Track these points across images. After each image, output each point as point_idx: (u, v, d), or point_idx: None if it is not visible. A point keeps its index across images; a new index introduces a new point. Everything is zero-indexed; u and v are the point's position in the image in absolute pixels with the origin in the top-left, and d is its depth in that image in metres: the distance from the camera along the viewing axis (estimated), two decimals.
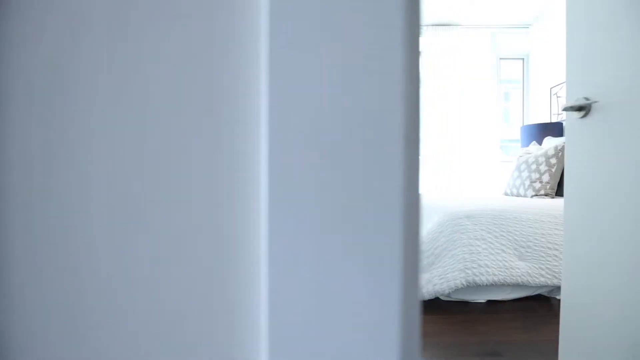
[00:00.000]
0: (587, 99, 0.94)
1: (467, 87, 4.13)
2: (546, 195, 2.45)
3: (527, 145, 3.43)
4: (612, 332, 0.86)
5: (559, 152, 2.47)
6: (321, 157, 0.18)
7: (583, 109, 0.95)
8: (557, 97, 3.53)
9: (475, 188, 4.11)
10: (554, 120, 3.57)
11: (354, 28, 0.18)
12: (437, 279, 1.82)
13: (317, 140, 0.18)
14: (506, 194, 2.84)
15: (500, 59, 4.15)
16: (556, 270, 1.84)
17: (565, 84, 1.06)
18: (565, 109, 0.97)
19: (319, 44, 0.18)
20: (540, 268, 1.86)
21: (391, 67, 0.17)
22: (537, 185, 2.48)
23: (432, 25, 3.97)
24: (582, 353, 0.98)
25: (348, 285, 0.19)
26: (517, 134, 4.01)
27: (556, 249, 1.87)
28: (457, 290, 1.85)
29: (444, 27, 3.95)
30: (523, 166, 2.65)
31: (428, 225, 2.06)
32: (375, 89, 0.17)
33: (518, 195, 2.66)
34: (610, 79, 0.87)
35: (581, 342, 0.98)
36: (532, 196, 2.51)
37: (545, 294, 1.97)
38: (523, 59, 4.16)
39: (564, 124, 1.05)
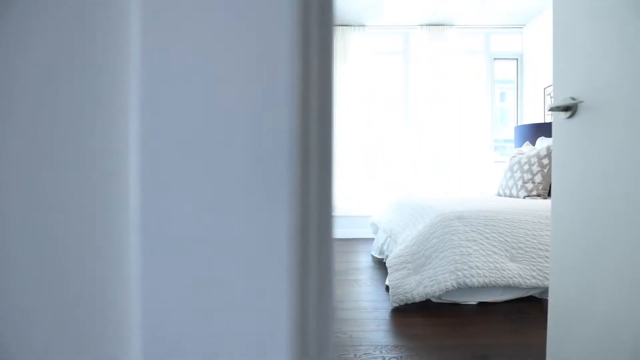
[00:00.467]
0: (573, 98, 0.92)
1: (460, 87, 4.12)
2: (538, 195, 2.44)
3: (521, 145, 3.42)
4: (606, 334, 0.84)
5: (552, 153, 2.46)
6: (197, 157, 0.16)
7: (569, 109, 0.93)
8: (551, 97, 3.53)
9: (469, 188, 4.10)
10: (548, 120, 3.57)
11: (237, 25, 0.16)
12: (428, 281, 1.80)
13: (193, 140, 0.16)
14: (499, 195, 2.83)
15: (494, 59, 4.14)
16: (547, 271, 1.83)
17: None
18: (552, 109, 0.95)
19: (197, 40, 0.16)
20: (532, 269, 1.84)
21: (278, 67, 0.15)
22: (530, 185, 2.47)
23: (426, 25, 3.96)
24: (571, 354, 0.96)
25: (228, 291, 0.17)
26: (512, 134, 4.00)
27: (547, 250, 1.86)
28: (448, 292, 1.83)
29: (437, 27, 3.94)
30: (516, 167, 2.64)
31: (419, 226, 2.04)
32: (260, 88, 0.16)
33: (510, 195, 2.65)
34: (597, 79, 0.85)
35: (570, 344, 0.96)
36: (524, 197, 2.50)
37: (537, 296, 1.96)
38: (517, 59, 4.16)
39: (553, 125, 1.03)
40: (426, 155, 3.94)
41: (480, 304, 1.90)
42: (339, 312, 1.81)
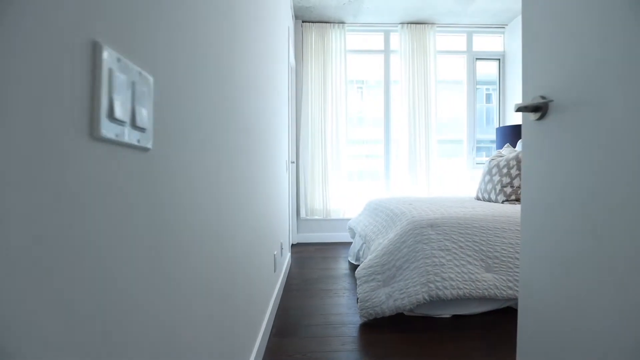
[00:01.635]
0: (543, 97, 0.80)
1: (442, 87, 4.04)
2: (517, 200, 2.34)
3: (502, 147, 3.34)
4: (585, 344, 0.72)
5: (521, 157, 2.37)
6: None
7: (539, 109, 0.81)
8: None
9: (449, 191, 4.02)
10: None
11: None
12: (398, 294, 1.68)
13: None
14: (478, 199, 2.73)
15: (476, 59, 4.06)
16: None
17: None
18: (520, 109, 0.83)
19: None
20: (508, 280, 1.74)
21: None
22: (508, 190, 2.37)
23: (407, 23, 3.86)
24: None
25: None
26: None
27: None
28: (420, 305, 1.71)
29: (418, 25, 3.84)
30: (494, 170, 2.55)
31: (390, 234, 1.92)
32: None
33: (489, 200, 2.56)
34: (569, 77, 0.73)
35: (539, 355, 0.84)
36: (503, 201, 2.40)
37: (515, 307, 1.85)
38: (499, 59, 4.09)
39: (522, 127, 0.91)
40: (406, 157, 3.83)
41: (455, 316, 1.79)
42: (303, 329, 1.67)
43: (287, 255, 2.77)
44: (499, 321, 1.73)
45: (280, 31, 2.35)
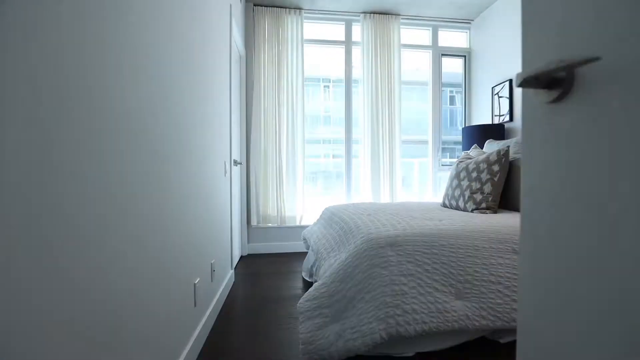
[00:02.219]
0: (562, 61, 0.46)
1: (406, 83, 3.78)
2: (488, 209, 2.08)
3: (469, 148, 3.12)
4: None
5: (502, 158, 2.11)
6: None
7: (557, 83, 0.47)
8: (499, 97, 3.27)
9: (414, 195, 3.76)
10: (496, 122, 3.31)
11: None
12: (350, 332, 1.33)
13: None
14: (444, 206, 2.46)
15: (442, 55, 3.84)
16: (500, 310, 1.43)
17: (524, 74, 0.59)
18: (523, 84, 0.49)
19: None
20: (482, 308, 1.44)
21: None
22: (479, 197, 2.10)
23: (370, 12, 3.55)
24: None
25: None
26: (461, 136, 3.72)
27: (500, 283, 1.47)
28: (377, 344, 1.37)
29: (382, 15, 3.54)
30: (463, 173, 2.28)
31: (342, 254, 1.56)
32: None
33: (457, 207, 2.28)
34: (608, 33, 0.40)
35: None
36: (472, 210, 2.13)
37: (488, 337, 1.57)
38: (465, 56, 3.90)
39: (523, 116, 0.57)
40: (369, 157, 3.52)
41: (419, 354, 1.46)
42: None
43: (227, 276, 2.35)
44: (472, 356, 1.43)
45: (215, 9, 1.93)
